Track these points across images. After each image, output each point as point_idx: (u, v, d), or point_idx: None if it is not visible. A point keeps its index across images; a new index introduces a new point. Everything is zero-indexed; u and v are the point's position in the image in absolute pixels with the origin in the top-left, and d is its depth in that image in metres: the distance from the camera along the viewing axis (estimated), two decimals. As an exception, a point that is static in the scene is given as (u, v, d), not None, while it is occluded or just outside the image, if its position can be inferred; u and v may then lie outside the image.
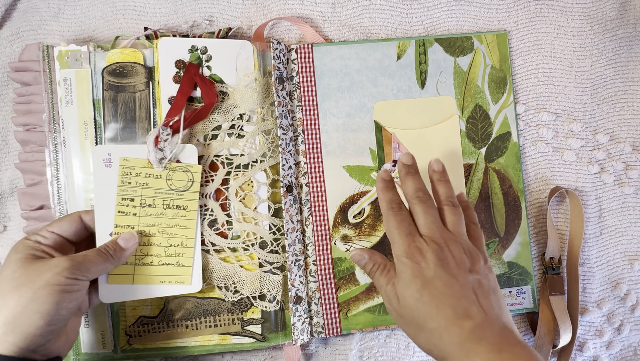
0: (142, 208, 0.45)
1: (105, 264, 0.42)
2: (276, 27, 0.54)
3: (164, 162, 0.45)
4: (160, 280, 0.46)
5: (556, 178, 0.55)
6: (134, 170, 0.45)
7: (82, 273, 0.39)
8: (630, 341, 0.55)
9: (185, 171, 0.46)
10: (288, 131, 0.51)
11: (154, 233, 0.46)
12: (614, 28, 0.56)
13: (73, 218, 0.44)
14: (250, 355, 0.52)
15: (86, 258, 0.41)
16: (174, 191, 0.46)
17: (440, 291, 0.37)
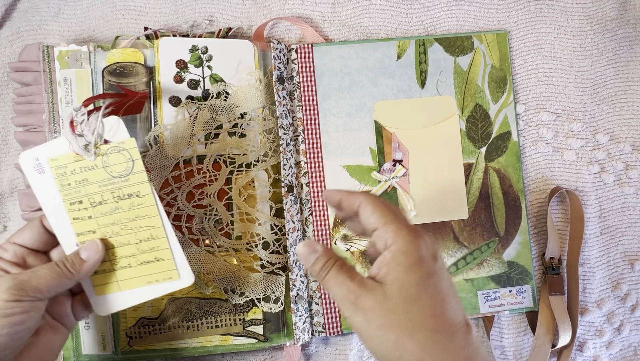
0: (94, 207, 0.40)
1: (61, 280, 0.36)
2: (276, 27, 0.54)
3: (91, 148, 0.38)
4: (146, 281, 0.41)
5: (556, 178, 0.55)
6: (67, 168, 0.39)
7: (27, 293, 0.34)
8: (630, 341, 0.55)
9: (120, 150, 0.39)
10: (288, 130, 0.51)
11: (118, 232, 0.40)
12: (614, 28, 0.56)
13: (34, 224, 0.39)
14: (251, 355, 0.52)
15: (34, 275, 0.35)
16: (117, 178, 0.39)
17: None
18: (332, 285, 0.33)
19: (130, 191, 0.40)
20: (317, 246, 0.35)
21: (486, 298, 0.53)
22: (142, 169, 0.40)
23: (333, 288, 0.33)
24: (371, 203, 0.34)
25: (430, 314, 0.31)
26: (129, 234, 0.40)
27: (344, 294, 0.32)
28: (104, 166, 0.39)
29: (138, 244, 0.41)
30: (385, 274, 0.32)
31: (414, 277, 0.31)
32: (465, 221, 0.53)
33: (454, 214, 0.53)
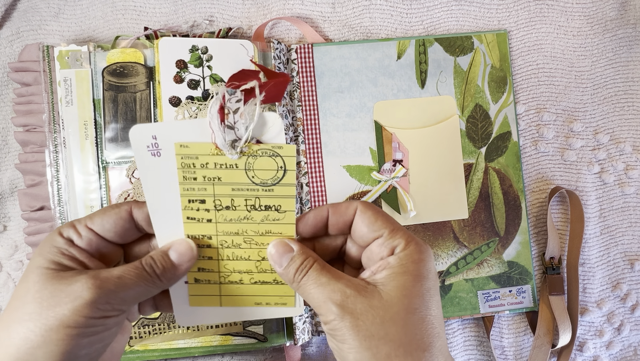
0: (219, 211, 0.33)
1: (147, 288, 0.30)
2: (276, 27, 0.54)
3: (239, 145, 0.31)
4: (255, 301, 0.35)
5: (556, 178, 0.55)
6: (198, 160, 0.32)
7: (113, 305, 0.28)
8: (630, 341, 0.55)
9: (273, 155, 0.32)
10: (288, 130, 0.51)
11: (239, 244, 0.34)
12: (614, 28, 0.56)
13: (120, 213, 0.31)
14: (251, 355, 0.52)
15: (121, 283, 0.28)
16: (259, 185, 0.33)
17: None
18: (312, 288, 0.29)
19: (270, 203, 0.33)
20: (293, 244, 0.31)
21: (486, 298, 0.53)
22: (292, 182, 0.33)
23: (312, 291, 0.29)
24: (371, 208, 0.31)
25: (431, 333, 0.28)
26: (252, 249, 0.34)
27: (328, 295, 0.28)
28: (246, 168, 0.32)
29: (259, 262, 0.34)
30: (387, 279, 0.28)
31: (420, 289, 0.28)
32: (465, 221, 0.53)
33: (454, 214, 0.53)
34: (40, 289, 0.27)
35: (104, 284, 0.28)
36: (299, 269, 0.30)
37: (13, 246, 0.51)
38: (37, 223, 0.48)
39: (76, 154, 0.48)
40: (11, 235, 0.51)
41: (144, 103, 0.49)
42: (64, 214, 0.48)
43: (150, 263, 0.30)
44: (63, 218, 0.48)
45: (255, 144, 0.32)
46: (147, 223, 0.32)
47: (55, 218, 0.48)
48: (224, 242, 0.34)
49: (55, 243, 0.30)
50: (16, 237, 0.51)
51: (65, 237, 0.30)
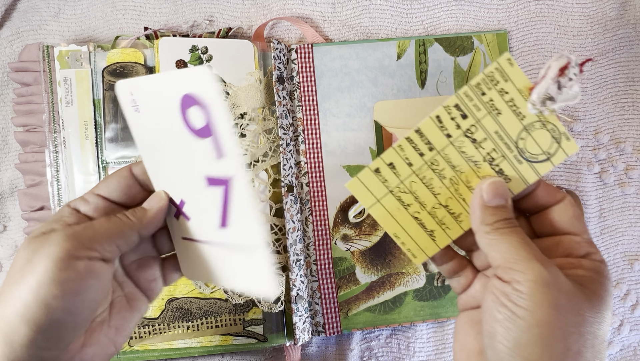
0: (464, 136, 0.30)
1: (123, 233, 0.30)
2: (276, 27, 0.54)
3: (548, 105, 0.29)
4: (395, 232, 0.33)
5: (556, 178, 0.55)
6: (503, 84, 0.29)
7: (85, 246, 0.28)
8: (630, 341, 0.55)
9: (556, 138, 0.30)
10: (289, 130, 0.51)
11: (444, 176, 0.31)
12: (614, 28, 0.56)
13: (122, 173, 0.33)
14: (251, 355, 0.52)
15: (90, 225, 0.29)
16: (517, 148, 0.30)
17: None
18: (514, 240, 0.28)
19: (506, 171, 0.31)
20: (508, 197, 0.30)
21: (486, 298, 0.53)
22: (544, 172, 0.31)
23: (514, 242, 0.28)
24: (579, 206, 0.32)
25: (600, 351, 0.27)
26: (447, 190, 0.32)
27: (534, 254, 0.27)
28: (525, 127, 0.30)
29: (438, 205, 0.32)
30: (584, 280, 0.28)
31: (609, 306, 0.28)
32: (465, 221, 0.53)
33: (454, 214, 0.53)
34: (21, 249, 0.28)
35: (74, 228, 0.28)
36: (507, 221, 0.29)
37: (13, 246, 0.51)
38: (37, 223, 0.48)
39: (76, 154, 0.48)
40: (11, 235, 0.51)
41: (144, 103, 0.49)
42: (64, 214, 0.48)
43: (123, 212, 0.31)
44: (63, 218, 0.48)
45: (556, 117, 0.30)
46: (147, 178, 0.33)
47: (55, 218, 0.48)
48: (436, 163, 0.31)
49: (61, 213, 0.31)
50: (16, 237, 0.51)
51: (72, 207, 0.31)
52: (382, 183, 0.32)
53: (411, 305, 0.52)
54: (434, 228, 0.32)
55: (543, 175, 0.30)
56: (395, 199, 0.32)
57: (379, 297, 0.52)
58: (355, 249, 0.52)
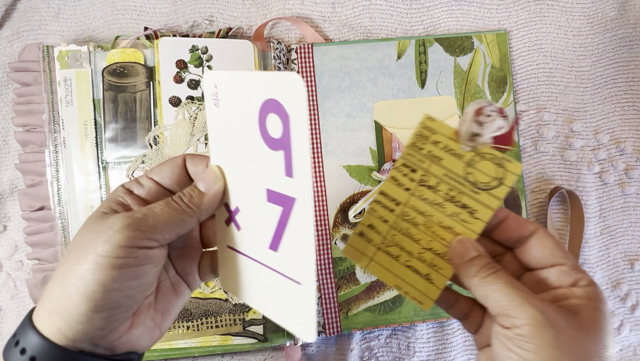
0: (420, 186, 0.33)
1: (180, 218, 0.30)
2: (276, 27, 0.54)
3: (477, 141, 0.32)
4: (396, 283, 0.34)
5: (556, 178, 0.55)
6: (434, 136, 0.33)
7: (145, 235, 0.28)
8: (630, 341, 0.55)
9: (498, 164, 0.32)
10: (288, 131, 0.51)
11: (417, 223, 0.33)
12: (614, 28, 0.56)
13: (176, 162, 0.33)
14: (251, 355, 0.52)
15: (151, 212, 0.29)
16: (469, 183, 0.33)
17: None
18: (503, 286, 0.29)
19: (469, 204, 0.33)
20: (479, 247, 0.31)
21: (486, 298, 0.53)
22: (501, 196, 0.32)
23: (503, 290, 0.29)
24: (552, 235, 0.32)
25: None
26: (426, 235, 0.34)
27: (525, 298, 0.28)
28: (467, 163, 0.33)
29: (424, 250, 0.34)
30: (578, 308, 0.28)
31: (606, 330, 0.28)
32: (465, 221, 0.53)
33: (454, 214, 0.53)
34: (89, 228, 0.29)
35: (134, 214, 0.29)
36: (486, 266, 0.30)
37: (13, 246, 0.51)
38: (37, 223, 0.48)
39: (76, 154, 0.48)
40: (11, 235, 0.51)
41: (144, 103, 0.49)
42: (64, 214, 0.48)
43: (179, 195, 0.31)
44: (63, 218, 0.48)
45: (490, 148, 0.32)
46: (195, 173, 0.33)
47: (55, 218, 0.48)
48: (406, 214, 0.33)
49: (115, 193, 0.31)
50: (16, 237, 0.51)
51: (126, 187, 0.32)
52: (369, 243, 0.34)
53: (411, 305, 0.52)
54: (428, 272, 0.34)
55: (502, 197, 0.32)
56: (385, 254, 0.34)
57: (379, 297, 0.52)
58: (355, 249, 0.52)
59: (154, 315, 0.32)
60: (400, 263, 0.34)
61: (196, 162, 0.33)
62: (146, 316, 0.31)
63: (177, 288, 0.34)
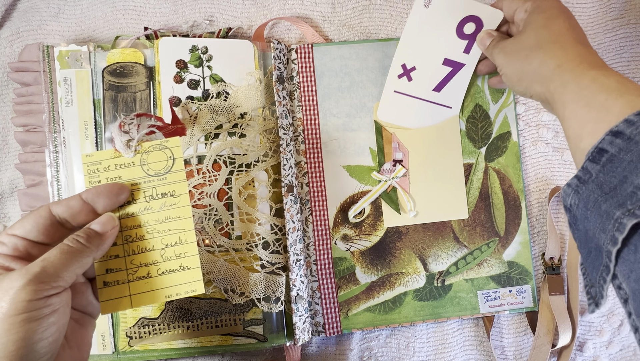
0: (121, 208, 0.37)
1: (78, 259, 0.31)
2: (276, 27, 0.54)
3: (133, 144, 0.37)
4: (165, 295, 0.37)
5: (556, 178, 0.55)
6: (101, 165, 0.37)
7: (50, 285, 0.29)
8: (630, 341, 0.55)
9: (161, 148, 0.38)
10: (288, 131, 0.51)
11: (142, 235, 0.37)
12: (614, 28, 0.56)
13: (39, 212, 0.33)
14: (251, 355, 0.52)
15: (47, 262, 0.30)
16: (153, 176, 0.37)
17: None
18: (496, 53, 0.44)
19: (165, 190, 0.37)
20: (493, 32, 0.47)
21: (486, 298, 0.53)
22: (181, 167, 0.38)
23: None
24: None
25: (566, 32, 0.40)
26: (155, 238, 0.37)
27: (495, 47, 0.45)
28: (141, 163, 0.37)
29: (163, 250, 0.37)
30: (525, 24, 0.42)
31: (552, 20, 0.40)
32: (465, 221, 0.53)
33: (454, 214, 0.53)
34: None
35: (30, 268, 0.29)
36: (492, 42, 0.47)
37: (13, 246, 0.51)
38: (37, 223, 0.48)
39: (76, 154, 0.48)
40: (11, 235, 0.51)
41: (144, 103, 0.49)
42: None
43: (73, 237, 0.32)
44: (63, 218, 0.48)
45: (146, 142, 0.37)
46: (70, 214, 0.34)
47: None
48: (129, 237, 0.36)
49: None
50: (16, 237, 0.51)
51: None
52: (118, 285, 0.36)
53: (411, 305, 0.52)
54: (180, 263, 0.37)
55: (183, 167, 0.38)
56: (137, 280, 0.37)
57: (379, 297, 0.52)
58: (355, 249, 0.52)
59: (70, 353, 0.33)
60: (155, 276, 0.37)
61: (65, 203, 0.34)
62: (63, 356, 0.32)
63: (82, 322, 0.35)
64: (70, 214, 0.34)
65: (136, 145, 0.37)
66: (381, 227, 0.52)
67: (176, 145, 0.38)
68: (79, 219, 0.34)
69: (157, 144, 0.37)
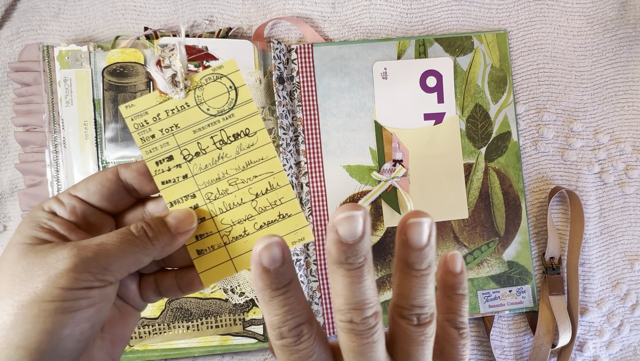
0: (190, 162, 0.30)
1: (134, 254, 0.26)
2: (276, 27, 0.54)
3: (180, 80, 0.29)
4: None
5: (556, 178, 0.55)
6: (148, 115, 0.29)
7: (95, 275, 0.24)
8: (630, 341, 0.55)
9: (217, 78, 0.30)
10: (288, 130, 0.51)
11: (225, 190, 0.30)
12: (614, 28, 0.56)
13: (106, 175, 0.28)
14: (251, 355, 0.52)
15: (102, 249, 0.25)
16: (217, 116, 0.30)
17: None
18: None
19: (236, 130, 0.30)
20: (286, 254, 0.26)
21: (486, 298, 0.53)
22: (248, 97, 0.30)
23: None
24: None
25: None
26: (240, 189, 0.30)
27: None
28: (197, 103, 0.30)
29: (254, 200, 0.30)
30: None
31: None
32: (465, 221, 0.53)
33: (454, 214, 0.53)
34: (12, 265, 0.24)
35: (82, 252, 0.24)
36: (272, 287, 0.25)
37: (13, 246, 0.51)
38: (37, 223, 0.48)
39: (76, 154, 0.48)
40: (11, 235, 0.51)
41: (144, 103, 0.49)
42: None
43: (141, 226, 0.27)
44: (63, 218, 0.48)
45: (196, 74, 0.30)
46: (137, 181, 0.29)
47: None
48: (210, 194, 0.30)
49: (35, 217, 0.26)
50: (16, 237, 0.51)
51: (47, 210, 0.27)
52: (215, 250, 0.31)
53: (411, 305, 0.52)
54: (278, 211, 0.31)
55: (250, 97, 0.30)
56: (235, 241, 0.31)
57: (379, 297, 0.52)
58: (355, 249, 0.52)
59: (101, 345, 0.28)
60: (253, 232, 0.30)
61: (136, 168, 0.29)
62: (92, 348, 0.27)
63: (124, 311, 0.30)
64: (139, 182, 0.29)
65: (184, 79, 0.29)
66: (381, 227, 0.52)
67: (234, 69, 0.30)
68: (147, 189, 0.29)
69: (209, 74, 0.29)
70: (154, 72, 0.29)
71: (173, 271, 0.31)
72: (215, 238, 0.30)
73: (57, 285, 0.23)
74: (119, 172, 0.28)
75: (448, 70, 0.53)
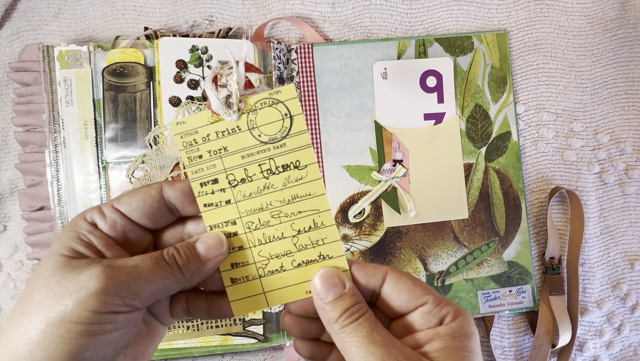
0: (235, 187, 0.29)
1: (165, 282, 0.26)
2: (276, 27, 0.54)
3: (234, 101, 0.28)
4: (306, 290, 0.29)
5: (556, 178, 0.55)
6: (198, 134, 0.28)
7: (123, 299, 0.24)
8: (630, 341, 0.55)
9: (273, 103, 0.29)
10: (288, 131, 0.51)
11: (267, 221, 0.29)
12: (614, 28, 0.56)
13: (150, 192, 0.28)
14: (251, 355, 0.52)
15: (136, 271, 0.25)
16: (268, 144, 0.29)
17: None
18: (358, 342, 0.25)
19: (286, 161, 0.29)
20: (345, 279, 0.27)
21: (486, 298, 0.53)
22: (303, 127, 0.28)
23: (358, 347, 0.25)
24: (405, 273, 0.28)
25: None
26: (283, 223, 0.29)
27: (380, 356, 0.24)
28: (249, 127, 0.28)
29: (295, 237, 0.29)
30: (442, 354, 0.26)
31: None
32: (465, 221, 0.53)
33: (454, 214, 0.53)
34: (48, 277, 0.24)
35: (115, 273, 0.24)
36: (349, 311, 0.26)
37: (13, 246, 0.51)
38: (37, 223, 0.48)
39: (76, 154, 0.48)
40: (11, 235, 0.51)
41: (144, 103, 0.49)
42: (64, 214, 0.48)
43: (172, 253, 0.26)
44: (63, 218, 0.48)
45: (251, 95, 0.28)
46: (180, 201, 0.28)
47: (55, 218, 0.48)
48: (250, 223, 0.29)
49: (77, 227, 0.26)
50: (16, 237, 0.51)
51: (89, 220, 0.27)
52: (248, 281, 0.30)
53: (411, 305, 0.52)
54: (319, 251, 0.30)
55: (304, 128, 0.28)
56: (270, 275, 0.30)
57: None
58: (355, 249, 0.52)
59: None
60: (290, 269, 0.29)
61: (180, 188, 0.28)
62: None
63: (151, 326, 0.29)
64: (181, 202, 0.28)
65: (238, 102, 0.28)
66: (381, 227, 0.52)
67: (291, 96, 0.28)
68: (189, 210, 0.29)
69: (265, 98, 0.28)
70: (208, 90, 0.28)
71: (205, 294, 0.30)
72: (251, 269, 0.29)
73: (86, 307, 0.23)
74: (163, 190, 0.28)
75: (448, 70, 0.53)
